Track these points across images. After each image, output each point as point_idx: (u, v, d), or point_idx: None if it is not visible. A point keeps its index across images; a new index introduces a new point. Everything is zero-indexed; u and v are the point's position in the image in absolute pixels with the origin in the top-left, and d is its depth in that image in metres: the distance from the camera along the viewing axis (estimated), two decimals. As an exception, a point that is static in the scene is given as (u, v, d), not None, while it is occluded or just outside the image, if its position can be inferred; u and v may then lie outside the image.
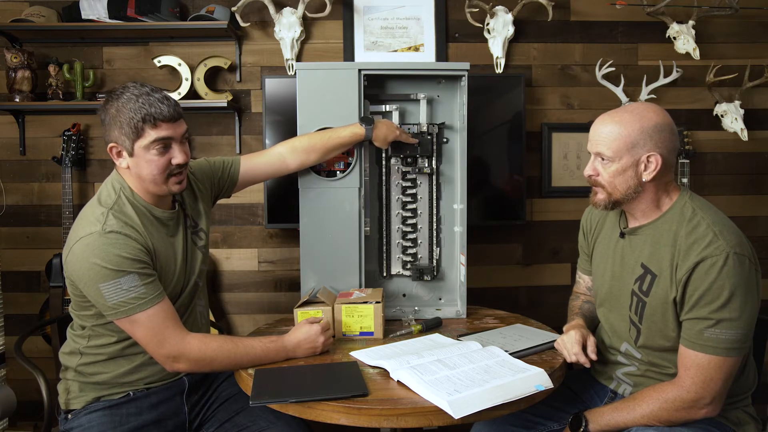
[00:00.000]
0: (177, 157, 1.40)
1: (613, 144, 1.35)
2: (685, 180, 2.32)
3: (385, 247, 1.96)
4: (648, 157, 1.34)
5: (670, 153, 1.36)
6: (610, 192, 1.39)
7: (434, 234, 1.95)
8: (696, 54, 2.37)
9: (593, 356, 1.41)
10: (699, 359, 1.29)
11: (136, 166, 1.39)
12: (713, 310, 1.26)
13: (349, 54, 2.45)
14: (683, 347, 1.32)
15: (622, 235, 1.48)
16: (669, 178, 1.41)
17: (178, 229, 1.51)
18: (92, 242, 1.31)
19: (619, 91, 2.45)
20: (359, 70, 1.81)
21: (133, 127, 1.35)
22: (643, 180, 1.36)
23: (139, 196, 1.43)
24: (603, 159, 1.38)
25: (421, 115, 1.92)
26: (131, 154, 1.38)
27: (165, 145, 1.38)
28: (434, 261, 1.95)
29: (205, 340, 1.40)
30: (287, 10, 2.36)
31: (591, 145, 1.41)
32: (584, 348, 1.43)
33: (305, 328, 1.48)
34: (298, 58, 2.44)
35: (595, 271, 1.60)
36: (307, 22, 2.43)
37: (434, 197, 1.94)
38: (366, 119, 1.78)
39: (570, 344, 1.44)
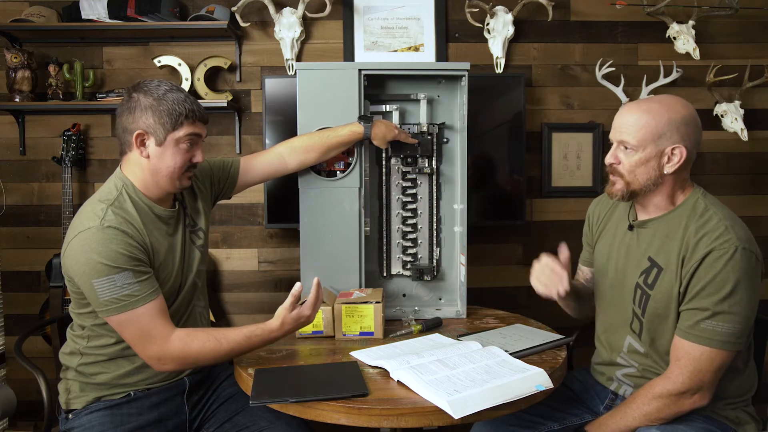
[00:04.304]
0: (198, 156, 1.47)
1: (638, 133, 1.34)
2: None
3: (385, 247, 1.96)
4: (673, 149, 1.34)
5: (694, 147, 1.36)
6: (629, 181, 1.39)
7: (434, 234, 1.95)
8: (696, 54, 2.37)
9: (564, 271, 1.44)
10: (692, 350, 1.29)
11: (159, 157, 1.41)
12: (714, 302, 1.27)
13: (349, 54, 2.45)
14: (677, 337, 1.32)
15: (631, 227, 1.48)
16: (687, 174, 1.40)
17: (177, 228, 1.52)
18: (90, 237, 1.31)
19: (619, 91, 2.45)
20: (359, 70, 1.81)
21: (174, 118, 1.38)
22: (665, 172, 1.36)
23: (141, 193, 1.44)
24: (626, 147, 1.37)
25: (421, 115, 1.92)
26: (160, 144, 1.40)
27: (193, 142, 1.44)
28: (434, 261, 1.95)
29: (187, 340, 1.36)
30: (287, 10, 2.36)
31: (615, 133, 1.40)
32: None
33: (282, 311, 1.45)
34: (298, 58, 2.44)
35: (597, 263, 1.60)
36: (307, 22, 2.43)
37: (434, 197, 1.94)
38: (365, 117, 1.79)
39: (541, 272, 1.47)
